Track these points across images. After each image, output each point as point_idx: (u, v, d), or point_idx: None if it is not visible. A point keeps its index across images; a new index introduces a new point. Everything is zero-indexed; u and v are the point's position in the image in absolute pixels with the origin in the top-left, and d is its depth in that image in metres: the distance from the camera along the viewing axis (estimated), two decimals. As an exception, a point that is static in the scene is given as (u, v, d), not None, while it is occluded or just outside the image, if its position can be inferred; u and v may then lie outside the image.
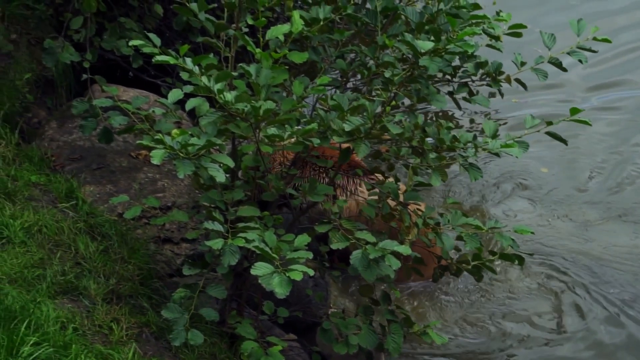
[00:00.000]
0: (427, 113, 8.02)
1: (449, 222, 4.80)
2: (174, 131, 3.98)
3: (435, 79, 5.37)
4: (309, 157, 4.91)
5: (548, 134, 4.62)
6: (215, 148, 4.15)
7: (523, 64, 5.16)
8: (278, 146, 4.40)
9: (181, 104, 4.49)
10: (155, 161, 3.82)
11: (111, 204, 5.47)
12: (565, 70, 5.19)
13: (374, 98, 4.54)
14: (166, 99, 4.54)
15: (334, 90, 5.38)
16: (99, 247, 5.02)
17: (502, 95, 5.71)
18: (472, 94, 5.50)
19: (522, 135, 4.52)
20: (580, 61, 4.97)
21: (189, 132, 4.02)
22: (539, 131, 4.58)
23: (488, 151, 4.47)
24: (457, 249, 5.11)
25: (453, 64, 4.99)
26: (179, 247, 5.56)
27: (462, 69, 5.47)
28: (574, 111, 4.51)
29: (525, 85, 5.49)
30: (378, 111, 4.43)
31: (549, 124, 4.56)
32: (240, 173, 4.75)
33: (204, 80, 4.09)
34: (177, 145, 3.90)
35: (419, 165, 4.65)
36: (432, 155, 4.57)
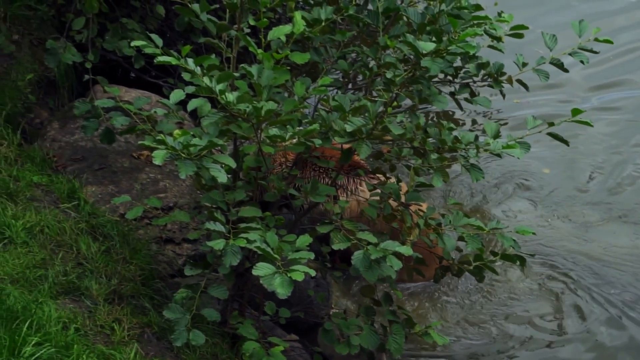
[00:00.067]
0: (428, 113, 8.01)
1: (450, 222, 4.80)
2: (176, 132, 3.99)
3: (436, 79, 5.38)
4: (310, 157, 4.92)
5: (549, 134, 4.62)
6: (217, 149, 4.15)
7: (524, 64, 5.17)
8: (280, 147, 4.40)
9: (183, 104, 4.49)
10: (157, 162, 3.82)
11: (113, 205, 5.47)
12: (567, 71, 5.19)
13: (376, 99, 4.54)
14: (168, 99, 4.53)
15: (336, 91, 5.39)
16: (100, 248, 5.03)
17: (503, 96, 5.72)
18: (473, 94, 5.51)
19: (523, 136, 4.52)
20: (582, 62, 4.98)
21: (191, 133, 4.02)
22: (540, 132, 4.58)
23: (490, 152, 4.47)
24: (458, 249, 5.12)
25: (455, 65, 5.00)
26: (180, 247, 5.56)
27: (464, 69, 5.48)
28: (575, 112, 4.50)
29: (527, 86, 5.50)
30: (380, 111, 4.43)
31: (550, 124, 4.56)
32: (242, 174, 4.76)
33: (206, 80, 4.09)
34: (179, 145, 3.90)
35: (420, 166, 4.65)
36: (433, 156, 4.57)
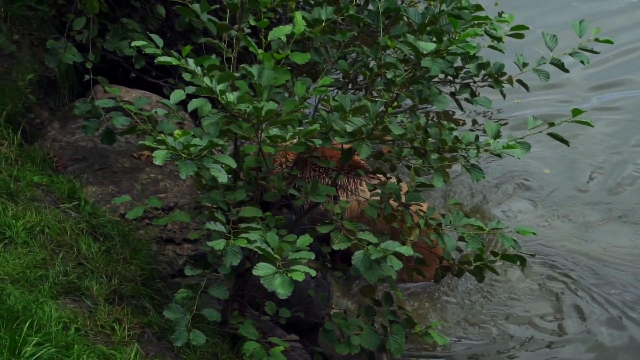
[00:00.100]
0: (428, 113, 8.01)
1: (450, 222, 4.80)
2: (176, 132, 3.99)
3: (437, 79, 5.38)
4: (310, 157, 4.92)
5: (550, 135, 4.62)
6: (217, 149, 4.15)
7: (525, 65, 5.17)
8: (280, 147, 4.40)
9: (183, 104, 4.49)
10: (157, 162, 3.82)
11: (113, 205, 5.47)
12: (567, 71, 5.19)
13: (376, 99, 4.54)
14: (168, 99, 4.54)
15: (336, 91, 5.39)
16: (101, 248, 5.03)
17: (504, 96, 5.72)
18: (474, 94, 5.51)
19: (523, 136, 4.52)
20: (583, 62, 4.98)
21: (191, 133, 4.03)
22: (540, 132, 4.59)
23: (490, 152, 4.47)
24: (458, 249, 5.11)
25: (455, 65, 5.00)
26: (181, 247, 5.56)
27: (464, 70, 5.48)
28: (575, 112, 4.50)
29: (527, 87, 5.50)
30: (380, 111, 4.44)
31: (550, 125, 4.56)
32: (242, 174, 4.76)
33: (206, 81, 4.09)
34: (180, 145, 3.90)
35: (421, 166, 4.65)
36: (434, 156, 4.57)
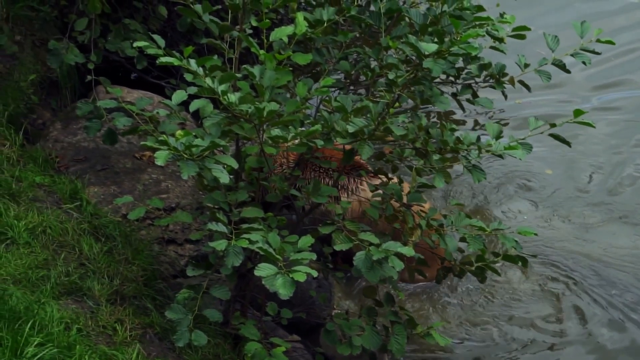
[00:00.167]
0: (429, 113, 8.01)
1: (452, 223, 4.80)
2: (178, 132, 3.99)
3: (438, 80, 5.38)
4: (312, 158, 4.92)
5: (552, 136, 4.62)
6: (219, 149, 4.15)
7: (527, 65, 5.17)
8: (282, 147, 4.40)
9: (185, 105, 4.50)
10: (159, 162, 3.82)
11: (115, 205, 5.48)
12: (569, 72, 5.18)
13: (378, 99, 4.54)
14: (170, 100, 4.54)
15: (338, 91, 5.39)
16: (103, 248, 5.03)
17: (505, 97, 5.72)
18: (475, 95, 5.51)
19: (525, 137, 4.52)
20: (584, 63, 4.97)
21: (193, 134, 4.03)
22: (542, 133, 4.58)
23: (492, 153, 4.47)
24: (460, 250, 5.11)
25: (457, 66, 5.00)
26: (182, 248, 5.57)
27: (466, 70, 5.48)
28: (577, 113, 4.50)
29: (529, 87, 5.49)
30: (382, 111, 4.43)
31: (552, 125, 4.56)
32: (244, 174, 4.76)
33: (208, 81, 4.09)
34: (181, 146, 3.90)
35: (422, 166, 4.65)
36: (435, 156, 4.57)
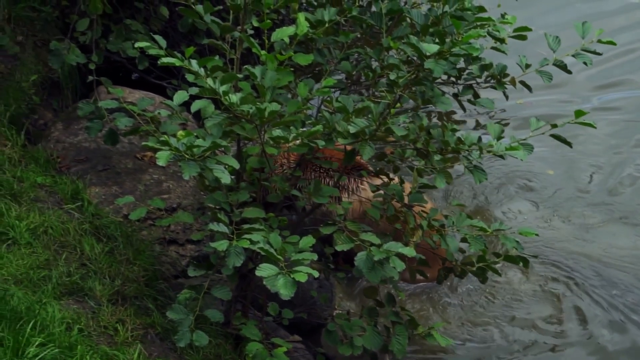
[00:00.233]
0: (430, 113, 8.01)
1: (453, 224, 4.80)
2: (180, 133, 3.99)
3: (439, 80, 5.38)
4: (313, 158, 4.92)
5: (552, 136, 4.62)
6: (220, 150, 4.16)
7: (528, 66, 5.17)
8: (283, 148, 4.40)
9: (186, 105, 4.50)
10: (160, 162, 3.83)
11: (116, 205, 5.48)
12: (570, 73, 5.18)
13: (379, 100, 4.54)
14: (172, 100, 4.54)
15: (339, 92, 5.39)
16: (104, 249, 5.03)
17: (506, 97, 5.72)
18: (477, 96, 5.51)
19: (526, 137, 4.52)
20: (585, 63, 4.97)
21: (195, 134, 4.03)
22: (543, 133, 4.58)
23: (493, 153, 4.47)
24: (461, 250, 5.11)
25: (458, 66, 5.00)
26: (184, 248, 5.57)
27: (467, 71, 5.48)
28: (578, 113, 4.50)
29: (530, 88, 5.50)
30: (383, 112, 4.44)
31: (553, 126, 4.56)
32: (245, 175, 4.76)
33: (210, 82, 4.09)
34: (183, 146, 3.90)
35: (423, 167, 4.65)
36: (436, 157, 4.57)
